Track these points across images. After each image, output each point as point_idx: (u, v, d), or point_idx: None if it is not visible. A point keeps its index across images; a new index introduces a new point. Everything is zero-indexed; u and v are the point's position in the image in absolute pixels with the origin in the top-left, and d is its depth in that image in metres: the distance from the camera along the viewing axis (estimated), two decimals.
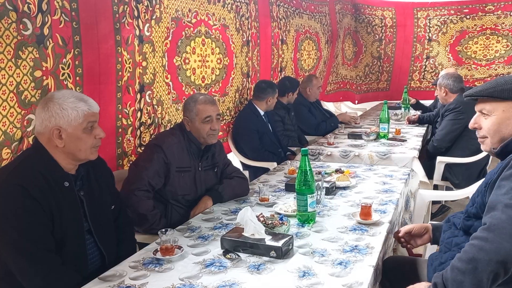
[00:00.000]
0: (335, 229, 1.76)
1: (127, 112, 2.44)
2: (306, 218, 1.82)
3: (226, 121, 3.58)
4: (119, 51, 2.33)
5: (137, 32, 2.45)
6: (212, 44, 3.23)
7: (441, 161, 3.35)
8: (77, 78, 2.08)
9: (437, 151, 3.43)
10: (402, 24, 6.56)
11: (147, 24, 2.53)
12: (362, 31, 6.76)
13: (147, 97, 2.58)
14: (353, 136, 3.68)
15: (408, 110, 4.78)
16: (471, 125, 1.52)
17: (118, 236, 1.75)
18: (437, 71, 6.44)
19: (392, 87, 6.81)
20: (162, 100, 2.72)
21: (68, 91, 1.65)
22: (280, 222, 1.69)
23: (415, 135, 3.74)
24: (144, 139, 2.60)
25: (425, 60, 6.51)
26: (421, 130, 3.99)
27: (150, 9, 2.54)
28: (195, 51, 3.02)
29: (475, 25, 6.14)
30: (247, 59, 3.77)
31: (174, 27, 2.78)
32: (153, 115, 2.65)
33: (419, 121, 4.30)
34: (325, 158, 3.25)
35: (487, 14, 6.05)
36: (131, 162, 2.27)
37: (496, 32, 6.04)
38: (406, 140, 3.50)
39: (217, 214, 2.01)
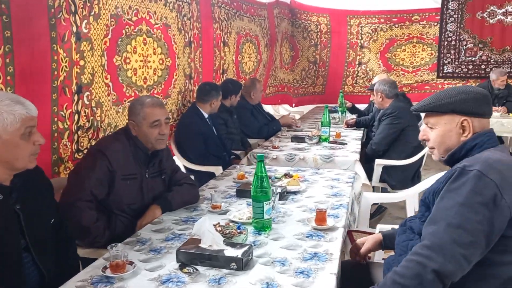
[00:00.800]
0: (292, 236, 1.73)
1: (64, 115, 2.25)
2: (262, 226, 1.77)
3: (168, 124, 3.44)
4: (55, 48, 2.14)
5: (74, 29, 2.27)
6: (154, 43, 3.09)
7: (379, 163, 3.47)
8: (8, 78, 1.87)
9: (375, 154, 3.56)
10: (336, 31, 6.78)
11: (85, 21, 2.35)
12: (299, 36, 6.88)
13: (85, 99, 2.40)
14: (296, 139, 3.71)
15: (345, 114, 4.92)
16: (420, 136, 1.59)
17: (59, 252, 1.59)
18: (368, 76, 6.74)
19: (327, 91, 7.01)
20: (101, 102, 2.54)
21: (1, 92, 1.47)
22: (238, 231, 1.63)
23: (353, 138, 3.86)
24: (82, 144, 2.41)
25: (357, 65, 6.77)
26: (359, 133, 4.12)
27: (88, 4, 2.37)
28: (136, 51, 2.87)
29: (403, 33, 6.49)
30: (189, 60, 3.66)
31: (113, 25, 2.61)
32: (91, 118, 2.46)
33: (356, 125, 4.44)
34: (271, 161, 3.23)
35: (414, 24, 6.42)
36: (70, 170, 2.09)
37: (422, 41, 6.44)
38: (346, 144, 3.59)
39: (167, 223, 1.90)
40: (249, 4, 5.05)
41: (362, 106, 6.23)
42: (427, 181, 2.50)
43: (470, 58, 6.20)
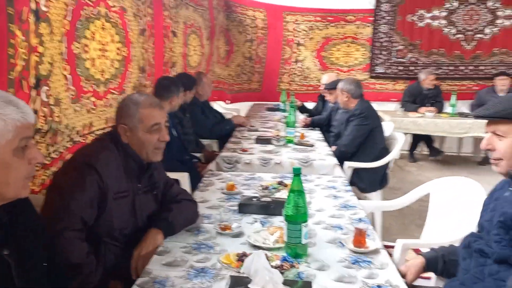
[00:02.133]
0: (335, 263, 1.48)
1: None
2: (298, 252, 1.50)
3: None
4: (12, 30, 1.63)
5: (34, 6, 1.77)
6: (111, 30, 2.62)
7: (350, 166, 3.36)
8: None
9: (344, 156, 3.44)
10: (272, 27, 6.62)
11: None
12: (234, 30, 6.60)
13: (43, 95, 1.89)
14: (261, 141, 3.46)
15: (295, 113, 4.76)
16: (483, 146, 1.43)
17: None
18: (304, 74, 6.70)
19: (264, 88, 6.84)
20: (60, 99, 2.05)
21: None
22: (290, 264, 1.34)
23: (317, 140, 3.71)
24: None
25: (294, 63, 6.69)
26: (319, 134, 3.99)
27: None
28: (94, 37, 2.39)
29: (338, 32, 6.55)
30: (143, 50, 3.21)
31: (73, 4, 2.12)
32: (49, 118, 1.96)
33: (311, 125, 4.32)
34: (244, 166, 2.94)
35: (348, 24, 6.51)
36: (48, 186, 1.60)
37: (356, 41, 6.55)
38: (313, 145, 3.42)
39: (177, 253, 1.54)
40: None
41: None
42: (423, 189, 2.41)
43: (400, 59, 6.45)
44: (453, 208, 2.18)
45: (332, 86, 4.15)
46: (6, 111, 0.95)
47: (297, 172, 1.49)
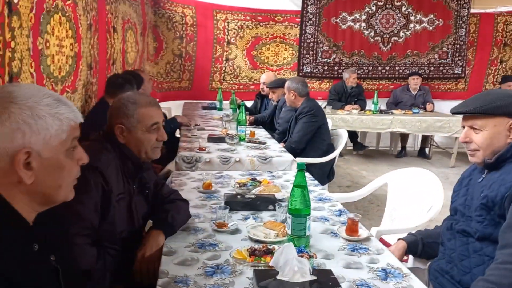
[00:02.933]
0: (336, 251, 1.59)
1: None
2: (302, 243, 1.58)
3: None
4: None
5: None
6: (66, 24, 2.47)
7: (301, 161, 3.50)
8: None
9: (294, 152, 3.58)
10: (202, 24, 6.59)
11: None
12: (163, 27, 6.46)
13: None
14: (214, 139, 3.47)
15: (236, 111, 4.82)
16: (461, 139, 1.62)
17: None
18: (235, 73, 6.78)
19: (194, 86, 6.78)
20: None
21: (35, 86, 0.95)
22: (308, 255, 1.41)
23: (265, 137, 3.81)
24: None
25: (225, 62, 6.73)
26: (265, 131, 4.09)
27: None
28: (54, 32, 2.24)
29: (267, 32, 6.72)
30: (90, 47, 3.05)
31: None
32: None
33: (255, 123, 4.41)
34: (204, 165, 2.94)
35: (277, 24, 6.71)
36: None
37: (284, 41, 6.78)
38: (266, 143, 3.52)
39: (184, 252, 1.53)
40: None
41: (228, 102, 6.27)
42: (383, 179, 2.62)
43: (325, 59, 6.82)
44: (410, 196, 2.41)
45: (275, 85, 4.28)
46: (60, 110, 0.90)
47: (301, 168, 1.57)
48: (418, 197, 2.33)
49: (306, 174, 1.90)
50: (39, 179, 0.88)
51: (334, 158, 3.71)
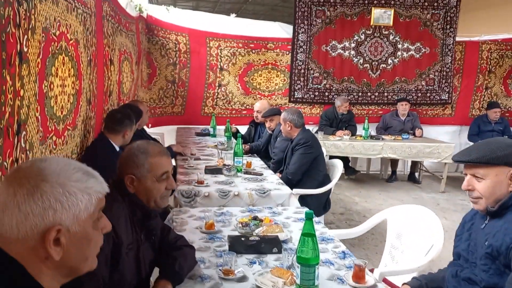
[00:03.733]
0: None
1: (6, 166, 1.60)
2: None
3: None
4: (4, 75, 1.51)
5: (18, 47, 1.65)
6: (69, 63, 2.49)
7: (297, 193, 3.54)
8: None
9: (290, 184, 3.62)
10: (196, 51, 6.67)
11: (26, 36, 1.74)
12: (156, 53, 6.53)
13: (22, 141, 1.76)
14: (211, 171, 3.49)
15: (231, 139, 4.86)
16: (464, 187, 1.66)
17: None
18: (228, 98, 6.84)
19: (187, 111, 6.82)
20: (32, 143, 1.91)
21: (63, 160, 0.97)
22: None
23: (261, 167, 3.84)
24: None
25: (217, 87, 6.80)
26: (260, 161, 4.13)
27: (28, 14, 1.76)
28: (57, 73, 2.26)
29: (259, 59, 6.82)
30: (89, 82, 3.07)
31: (44, 41, 2.00)
32: None
33: (250, 151, 4.45)
34: (203, 200, 2.96)
35: (269, 51, 6.82)
36: None
37: (276, 67, 6.89)
38: (262, 174, 3.55)
39: None
40: (125, 17, 4.55)
41: (222, 128, 6.32)
42: (382, 215, 2.66)
43: (316, 85, 6.93)
44: (410, 234, 2.45)
45: (271, 113, 4.34)
46: (89, 184, 0.92)
47: (309, 217, 1.60)
48: (418, 236, 2.37)
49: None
50: (67, 253, 0.89)
51: (330, 189, 3.75)
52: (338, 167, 3.80)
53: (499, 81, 7.30)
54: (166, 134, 6.46)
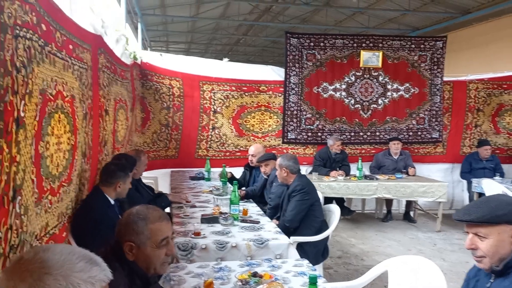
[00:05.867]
0: None
1: (1, 235, 1.57)
2: None
3: (67, 215, 2.76)
4: (1, 144, 1.50)
5: (15, 114, 1.65)
6: (64, 120, 2.49)
7: (295, 240, 3.50)
8: None
9: (288, 231, 3.57)
10: (189, 95, 6.74)
11: (23, 101, 1.74)
12: (150, 98, 6.59)
13: (17, 207, 1.73)
14: (207, 220, 3.45)
15: (226, 184, 4.83)
16: (467, 246, 1.65)
17: None
18: (222, 141, 6.87)
19: (180, 155, 6.81)
20: (27, 206, 1.88)
21: (66, 248, 0.95)
22: None
23: (257, 214, 3.80)
24: None
25: (211, 130, 6.83)
26: (256, 207, 4.09)
27: (26, 80, 1.77)
28: (53, 132, 2.26)
29: (252, 101, 6.90)
30: (85, 135, 3.07)
31: (41, 102, 2.01)
32: (20, 230, 1.78)
33: (246, 196, 4.41)
34: (200, 252, 2.91)
35: (262, 93, 6.92)
36: None
37: (269, 109, 6.96)
38: (259, 221, 3.51)
39: None
40: (120, 66, 4.61)
41: (218, 170, 6.29)
42: (383, 265, 2.63)
43: (309, 126, 6.99)
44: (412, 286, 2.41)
45: (266, 158, 4.35)
46: (93, 273, 0.90)
47: (313, 281, 1.57)
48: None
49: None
50: None
51: (328, 235, 3.71)
52: (335, 213, 3.78)
53: (487, 119, 7.43)
54: (160, 178, 6.42)
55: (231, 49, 19.59)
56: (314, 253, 3.55)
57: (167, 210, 4.39)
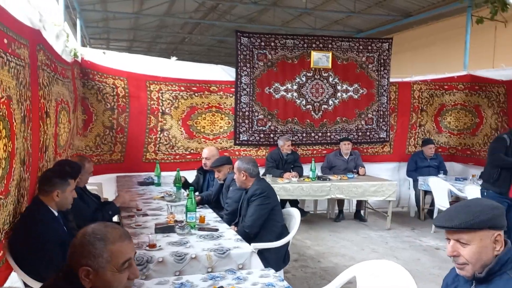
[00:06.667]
0: None
1: None
2: None
3: (4, 231, 2.44)
4: None
5: None
6: (0, 124, 2.19)
7: (256, 247, 3.35)
8: None
9: (248, 237, 3.43)
10: (135, 95, 6.40)
11: None
12: (92, 98, 6.18)
13: None
14: (162, 230, 3.23)
15: (180, 190, 4.59)
16: (449, 253, 1.58)
17: None
18: (171, 143, 6.59)
19: (127, 158, 6.45)
20: None
21: None
22: None
23: (214, 221, 3.62)
24: None
25: (159, 132, 6.54)
26: (212, 213, 3.90)
27: None
28: None
29: (202, 102, 6.68)
30: (23, 140, 2.74)
31: None
32: None
33: (201, 202, 4.22)
34: (156, 266, 2.69)
35: (212, 94, 6.72)
36: None
37: (220, 110, 6.78)
38: (218, 229, 3.34)
39: None
40: (61, 64, 4.24)
41: (169, 174, 6.04)
42: (351, 272, 2.55)
43: (261, 127, 6.90)
44: None
45: (219, 163, 4.18)
46: None
47: None
48: None
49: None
50: None
51: (289, 240, 3.61)
52: (295, 217, 3.69)
53: (430, 119, 7.72)
54: (105, 184, 6.04)
55: (176, 48, 19.13)
56: (275, 259, 3.43)
57: (115, 219, 4.11)
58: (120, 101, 6.33)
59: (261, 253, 3.41)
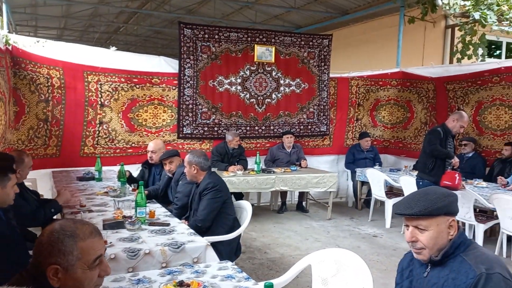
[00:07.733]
0: None
1: None
2: None
3: None
4: None
5: None
6: None
7: (209, 240, 3.33)
8: None
9: (200, 231, 3.41)
10: (72, 86, 6.07)
11: None
12: (24, 89, 5.76)
13: None
14: (111, 226, 3.12)
15: (125, 184, 4.44)
16: (408, 239, 1.69)
17: None
18: (111, 136, 6.35)
19: (63, 153, 6.11)
20: None
21: None
22: None
23: (165, 215, 3.55)
24: None
25: (98, 125, 6.27)
26: (161, 208, 3.82)
27: None
28: None
29: (144, 94, 6.50)
30: None
31: None
32: None
33: (148, 197, 4.10)
34: (109, 263, 2.57)
35: (154, 86, 6.55)
36: None
37: (163, 103, 6.63)
38: (169, 223, 3.28)
39: None
40: None
41: (109, 168, 5.85)
42: (306, 260, 2.62)
43: (205, 121, 6.85)
44: (336, 281, 2.44)
45: (169, 155, 4.10)
46: None
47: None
48: (346, 281, 2.38)
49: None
50: None
51: (241, 233, 3.64)
52: (247, 209, 3.72)
53: (367, 113, 8.10)
54: (39, 180, 5.70)
55: (110, 38, 18.37)
56: (227, 251, 3.44)
57: (58, 216, 3.90)
58: (55, 92, 5.98)
59: (214, 246, 3.38)
